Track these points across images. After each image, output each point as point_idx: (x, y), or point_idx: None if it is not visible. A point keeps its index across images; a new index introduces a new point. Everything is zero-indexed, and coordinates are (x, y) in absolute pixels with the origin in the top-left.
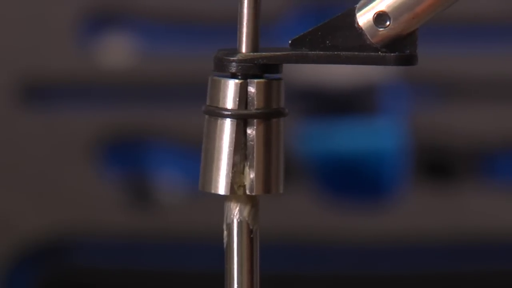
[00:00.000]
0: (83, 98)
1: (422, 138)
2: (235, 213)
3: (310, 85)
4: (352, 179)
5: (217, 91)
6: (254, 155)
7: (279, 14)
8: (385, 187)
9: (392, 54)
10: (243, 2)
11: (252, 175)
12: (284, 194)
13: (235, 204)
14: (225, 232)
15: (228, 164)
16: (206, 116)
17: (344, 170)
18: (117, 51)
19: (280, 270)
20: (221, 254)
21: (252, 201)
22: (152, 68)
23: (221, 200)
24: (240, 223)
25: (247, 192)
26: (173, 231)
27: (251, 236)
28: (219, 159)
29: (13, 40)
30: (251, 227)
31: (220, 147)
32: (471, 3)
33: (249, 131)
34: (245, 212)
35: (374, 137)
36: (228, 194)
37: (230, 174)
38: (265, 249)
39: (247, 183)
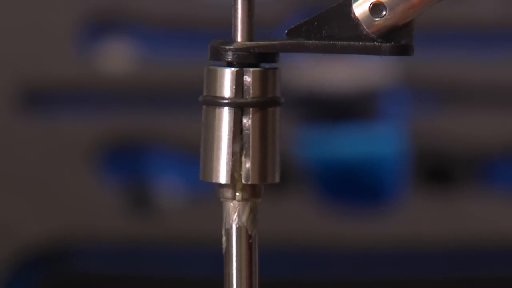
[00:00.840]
0: (83, 104)
1: (422, 143)
2: (234, 218)
3: (310, 91)
4: (352, 185)
5: (214, 81)
6: (250, 144)
7: (281, 18)
8: (385, 192)
9: (387, 44)
10: None
11: (248, 164)
12: (283, 199)
13: (234, 209)
14: (224, 238)
15: (228, 152)
16: (204, 107)
17: (344, 175)
18: (117, 57)
19: (280, 275)
20: (220, 259)
21: (250, 206)
22: (152, 74)
23: (220, 205)
24: (239, 229)
25: (243, 181)
26: (173, 236)
27: (250, 241)
28: (218, 148)
29: (13, 46)
30: (249, 233)
31: (219, 136)
32: (472, 9)
33: (244, 120)
34: (244, 217)
35: (374, 142)
36: (229, 182)
37: (230, 162)
38: (264, 255)
39: (243, 172)
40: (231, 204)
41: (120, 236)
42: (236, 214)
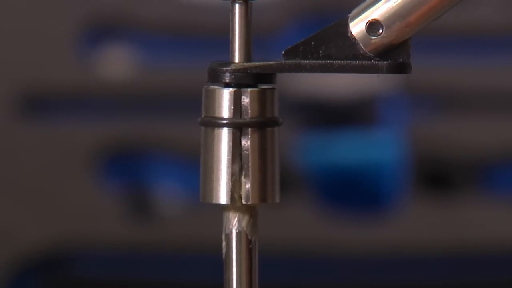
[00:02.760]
0: (83, 110)
1: (421, 149)
2: (234, 224)
3: (310, 97)
4: (352, 191)
5: (212, 101)
6: (249, 164)
7: (279, 26)
8: (385, 198)
9: (385, 62)
10: (235, 13)
11: (247, 185)
12: (283, 205)
13: (234, 215)
14: (223, 243)
15: (227, 173)
16: (202, 128)
17: (343, 181)
18: (117, 63)
19: (279, 281)
20: (220, 264)
21: (250, 212)
22: (152, 80)
23: (220, 211)
24: (238, 234)
25: (243, 201)
26: (173, 242)
27: (250, 246)
28: (218, 169)
29: (13, 52)
30: (249, 238)
31: (218, 157)
32: (471, 15)
33: (243, 140)
34: (244, 223)
35: (374, 148)
36: (229, 203)
37: (230, 183)
38: (263, 260)
39: (243, 192)
40: (232, 209)
41: (120, 242)
42: (236, 219)
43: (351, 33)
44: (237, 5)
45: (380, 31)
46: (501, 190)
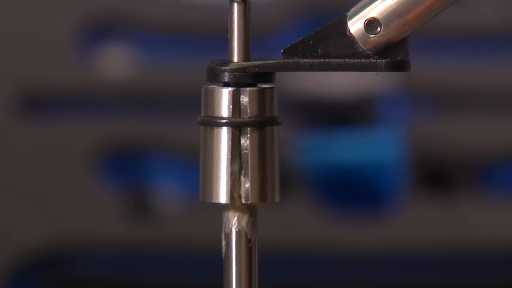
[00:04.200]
0: (82, 109)
1: (421, 149)
2: (234, 223)
3: (310, 96)
4: (351, 190)
5: (211, 101)
6: (249, 163)
7: (278, 25)
8: (384, 198)
9: (383, 60)
10: (233, 12)
11: (247, 184)
12: (283, 204)
13: (234, 214)
14: (223, 242)
15: (227, 172)
16: (202, 127)
17: (343, 181)
18: (116, 62)
19: (279, 280)
20: (220, 264)
21: (250, 211)
22: (151, 79)
23: (220, 210)
24: (238, 233)
25: (243, 200)
26: (172, 241)
27: (250, 245)
28: (217, 169)
29: (13, 51)
30: (249, 237)
31: (217, 156)
32: (471, 14)
33: (243, 139)
34: (244, 222)
35: (374, 148)
36: (229, 202)
37: (229, 182)
38: (263, 259)
39: (242, 192)
40: (231, 208)
41: (119, 241)
42: (235, 218)
43: (350, 31)
44: (235, 4)
45: (379, 29)
46: (501, 189)
